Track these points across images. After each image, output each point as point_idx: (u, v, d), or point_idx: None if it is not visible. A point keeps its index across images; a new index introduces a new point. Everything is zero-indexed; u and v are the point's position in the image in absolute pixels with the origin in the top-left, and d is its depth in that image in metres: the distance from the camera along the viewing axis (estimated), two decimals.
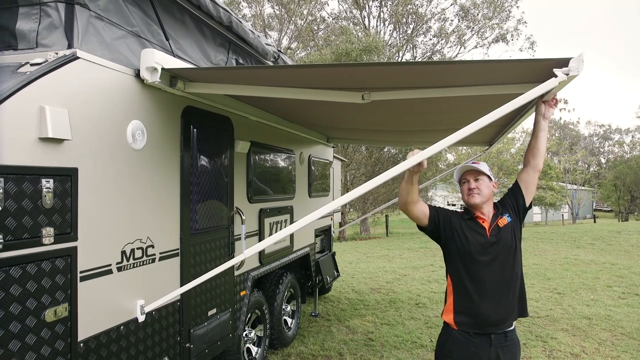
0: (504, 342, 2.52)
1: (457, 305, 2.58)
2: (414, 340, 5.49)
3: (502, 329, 2.51)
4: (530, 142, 2.61)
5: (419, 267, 10.62)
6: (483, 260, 2.52)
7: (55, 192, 2.09)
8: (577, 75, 1.99)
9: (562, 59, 2.01)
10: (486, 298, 2.49)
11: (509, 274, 2.53)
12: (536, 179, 2.66)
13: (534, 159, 2.59)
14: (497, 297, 2.49)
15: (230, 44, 3.93)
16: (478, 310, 2.50)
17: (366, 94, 2.87)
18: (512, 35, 24.16)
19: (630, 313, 6.67)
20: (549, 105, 2.49)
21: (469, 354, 2.51)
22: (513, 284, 2.54)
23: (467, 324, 2.53)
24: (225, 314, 3.65)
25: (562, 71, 2.00)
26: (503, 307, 2.50)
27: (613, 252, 12.54)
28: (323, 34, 24.16)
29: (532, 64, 2.24)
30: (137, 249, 2.64)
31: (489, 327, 2.50)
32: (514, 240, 2.57)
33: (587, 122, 72.06)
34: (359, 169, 21.26)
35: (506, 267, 2.53)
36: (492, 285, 2.50)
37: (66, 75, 2.15)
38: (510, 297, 2.52)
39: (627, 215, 41.73)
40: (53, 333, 2.10)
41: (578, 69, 1.98)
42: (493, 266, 2.51)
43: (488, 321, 2.49)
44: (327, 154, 6.91)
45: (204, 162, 3.33)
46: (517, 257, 2.58)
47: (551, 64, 2.03)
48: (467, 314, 2.53)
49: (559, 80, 1.99)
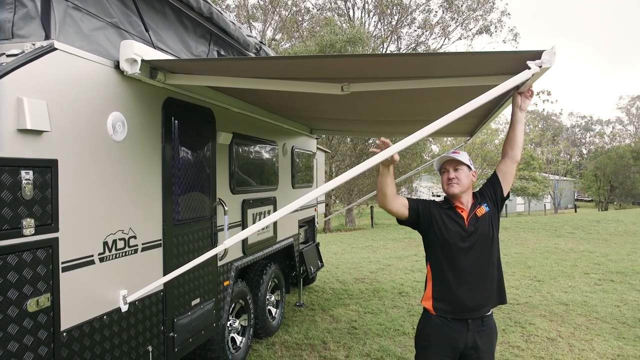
0: (480, 327, 2.61)
1: (435, 291, 2.66)
2: (397, 328, 5.60)
3: (479, 314, 2.60)
4: (507, 133, 2.68)
5: (403, 257, 10.76)
6: (461, 248, 2.59)
7: (35, 183, 2.10)
8: (549, 67, 2.06)
9: (535, 52, 2.07)
10: (463, 285, 2.57)
11: (486, 262, 2.61)
12: (514, 170, 2.72)
13: (511, 150, 2.65)
14: (474, 284, 2.57)
15: (211, 36, 3.93)
16: (455, 297, 2.58)
17: (345, 86, 2.91)
18: (496, 27, 24.35)
19: (605, 298, 6.88)
20: (525, 96, 2.56)
21: (447, 339, 2.60)
22: (490, 272, 2.62)
23: (444, 309, 2.61)
24: (209, 303, 3.69)
25: (535, 63, 2.06)
26: (480, 294, 2.58)
27: (592, 241, 12.84)
28: (308, 25, 24.05)
29: (507, 56, 2.30)
30: (120, 240, 2.66)
31: (466, 313, 2.58)
32: (491, 230, 2.64)
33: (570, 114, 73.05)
34: (344, 160, 21.32)
35: (483, 256, 2.61)
36: (469, 273, 2.58)
37: (44, 67, 2.15)
38: (487, 285, 2.60)
39: (606, 205, 42.62)
40: (35, 323, 2.12)
41: (550, 61, 2.05)
42: (470, 254, 2.59)
43: (465, 307, 2.57)
44: (311, 145, 6.95)
45: (185, 153, 3.34)
46: (495, 246, 2.66)
47: (525, 57, 2.10)
48: (445, 300, 2.62)
49: (532, 72, 2.05)
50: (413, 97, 3.59)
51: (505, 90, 2.09)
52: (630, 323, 5.77)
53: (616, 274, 8.52)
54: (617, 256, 10.36)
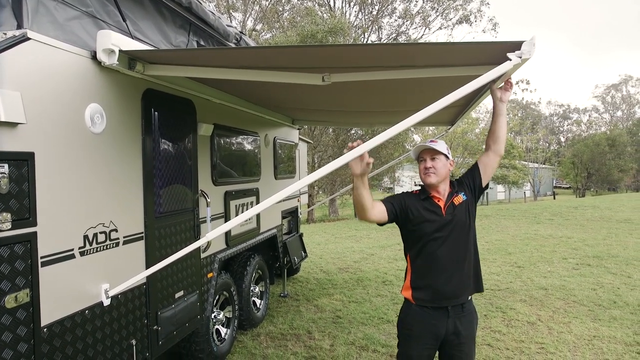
0: (460, 313, 2.64)
1: (413, 281, 2.69)
2: (381, 316, 5.66)
3: (458, 302, 2.63)
4: (490, 127, 2.68)
5: (386, 246, 10.86)
6: (438, 238, 2.60)
7: (10, 177, 2.05)
8: (529, 58, 2.08)
9: (515, 42, 2.08)
10: (441, 274, 2.60)
11: (463, 251, 2.64)
12: (496, 163, 2.72)
13: (494, 144, 2.65)
14: (450, 273, 2.60)
15: (190, 26, 3.87)
16: (433, 286, 2.61)
17: (326, 76, 2.89)
18: (476, 16, 24.51)
19: (582, 282, 7.06)
20: (505, 89, 2.58)
21: (428, 326, 2.63)
22: (467, 259, 2.65)
23: (424, 298, 2.64)
24: (193, 296, 3.68)
25: (515, 54, 2.08)
26: (457, 282, 2.61)
27: (570, 227, 13.14)
28: (288, 15, 23.84)
29: (486, 47, 2.31)
30: (100, 233, 2.63)
31: (444, 301, 2.61)
32: (468, 218, 2.66)
33: (548, 102, 74.38)
34: (327, 151, 21.33)
35: (460, 244, 2.63)
36: (446, 262, 2.60)
37: (17, 57, 2.09)
38: (464, 273, 2.64)
39: (584, 191, 43.61)
40: (14, 319, 2.09)
41: (530, 52, 2.06)
42: (447, 243, 2.61)
43: (443, 295, 2.61)
44: (293, 136, 6.93)
45: (166, 145, 3.30)
46: (471, 234, 2.68)
47: (505, 48, 2.11)
48: (424, 289, 2.65)
49: (513, 63, 2.08)
50: (394, 87, 3.60)
51: (487, 82, 2.11)
52: (605, 305, 5.94)
53: (593, 258, 8.74)
54: (593, 241, 10.63)
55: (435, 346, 2.67)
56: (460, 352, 2.65)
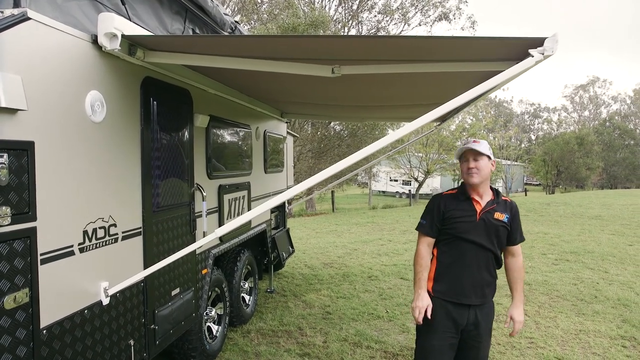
0: (481, 306, 2.72)
1: (437, 274, 2.76)
2: (371, 312, 5.64)
3: (473, 302, 2.69)
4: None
5: (369, 241, 10.86)
6: (467, 239, 2.66)
7: (10, 168, 1.90)
8: (551, 54, 2.06)
9: (537, 39, 2.06)
10: (462, 272, 2.67)
11: (486, 258, 2.70)
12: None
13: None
14: (471, 273, 2.68)
15: (187, 12, 3.71)
16: (454, 282, 2.68)
17: (336, 68, 2.82)
18: (455, 14, 24.72)
19: (563, 277, 7.22)
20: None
21: (450, 316, 2.69)
22: (491, 264, 2.72)
23: (442, 292, 2.72)
24: (188, 293, 3.55)
25: (537, 51, 2.06)
26: (479, 282, 2.68)
27: (545, 223, 13.44)
28: (267, 7, 23.50)
29: (507, 42, 2.27)
30: (100, 229, 2.48)
31: (463, 299, 2.68)
32: (498, 233, 2.70)
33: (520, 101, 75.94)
34: (305, 145, 21.20)
35: (486, 249, 2.68)
36: (470, 262, 2.67)
37: (17, 38, 1.93)
38: (483, 279, 2.70)
39: (553, 188, 44.84)
40: (13, 321, 1.94)
41: (553, 48, 2.05)
42: (475, 245, 2.66)
43: (462, 293, 2.68)
44: (281, 129, 6.81)
45: (164, 136, 3.16)
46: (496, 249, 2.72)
47: (527, 43, 2.09)
48: (443, 284, 2.72)
49: (535, 59, 2.06)
50: (396, 81, 3.53)
51: (509, 77, 2.08)
52: (587, 300, 6.09)
53: (570, 254, 8.96)
54: (569, 237, 10.90)
55: (457, 336, 2.71)
56: (478, 343, 2.72)
